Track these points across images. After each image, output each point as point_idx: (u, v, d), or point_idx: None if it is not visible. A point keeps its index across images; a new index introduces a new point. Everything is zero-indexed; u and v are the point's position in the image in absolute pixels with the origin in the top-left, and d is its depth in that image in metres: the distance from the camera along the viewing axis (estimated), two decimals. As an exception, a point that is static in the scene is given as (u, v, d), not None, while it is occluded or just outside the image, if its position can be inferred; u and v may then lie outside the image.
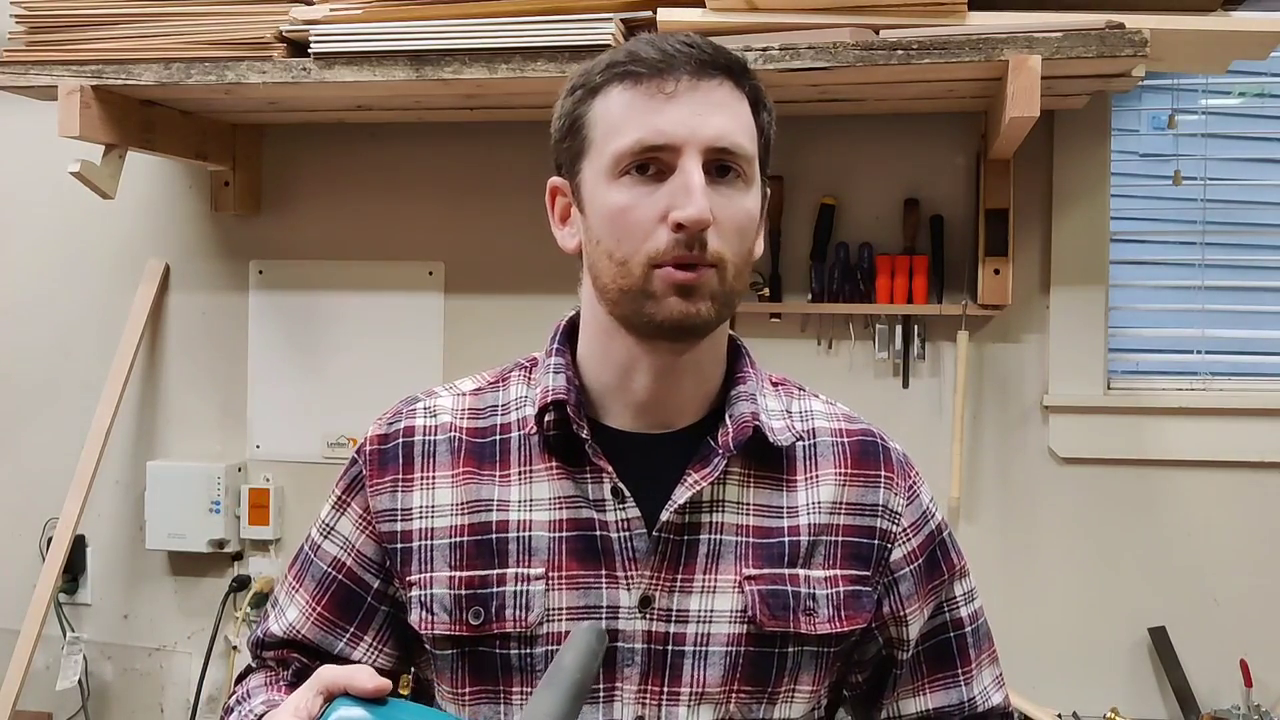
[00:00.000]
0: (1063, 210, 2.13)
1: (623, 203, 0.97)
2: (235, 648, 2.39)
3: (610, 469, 1.01)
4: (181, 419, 2.48)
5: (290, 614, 1.10)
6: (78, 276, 2.51)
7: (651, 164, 0.96)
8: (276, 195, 2.43)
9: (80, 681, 2.45)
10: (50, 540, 2.39)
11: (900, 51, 1.71)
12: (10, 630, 2.36)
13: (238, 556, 2.45)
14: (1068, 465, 2.15)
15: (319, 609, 1.09)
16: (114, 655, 2.50)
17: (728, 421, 1.03)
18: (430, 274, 2.36)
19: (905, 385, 2.18)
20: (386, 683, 0.89)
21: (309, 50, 1.88)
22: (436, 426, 1.07)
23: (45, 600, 2.32)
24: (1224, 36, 1.78)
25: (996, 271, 2.08)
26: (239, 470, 2.43)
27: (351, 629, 1.08)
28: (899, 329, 2.17)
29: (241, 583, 2.41)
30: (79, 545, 2.47)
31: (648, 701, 1.00)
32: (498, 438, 1.06)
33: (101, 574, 2.51)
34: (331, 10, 1.88)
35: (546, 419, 1.03)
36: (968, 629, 1.13)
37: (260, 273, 2.44)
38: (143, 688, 2.49)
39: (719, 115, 0.97)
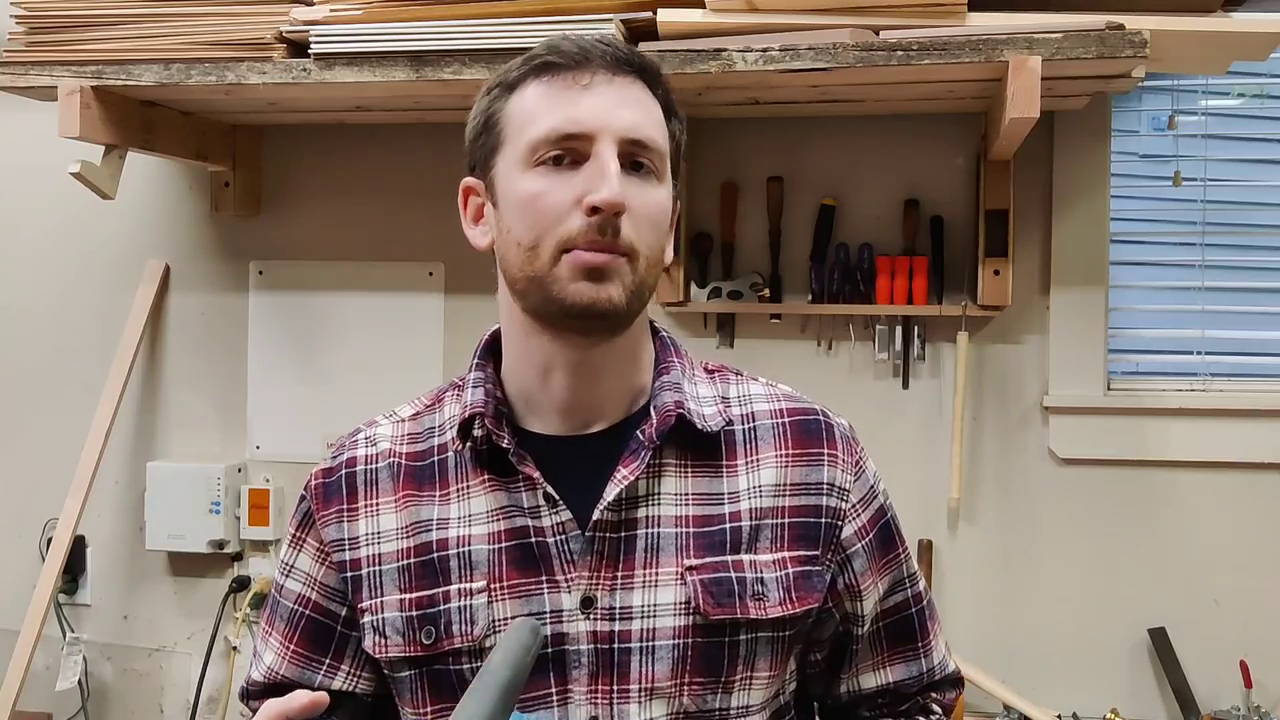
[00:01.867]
0: (1063, 211, 2.13)
1: (536, 189, 0.98)
2: (235, 648, 2.39)
3: (538, 474, 1.01)
4: (181, 419, 2.48)
5: (267, 658, 1.13)
6: (78, 276, 2.51)
7: (566, 154, 0.98)
8: (276, 196, 2.43)
9: (80, 682, 2.45)
10: (50, 540, 2.39)
11: (900, 52, 1.71)
12: (10, 631, 2.35)
13: (238, 557, 2.45)
14: (1068, 466, 2.15)
15: (292, 647, 1.11)
16: (114, 656, 2.50)
17: (651, 413, 1.03)
18: (430, 275, 2.37)
19: (905, 386, 2.18)
20: (320, 697, 0.92)
21: (309, 51, 1.88)
22: (377, 455, 1.09)
23: (45, 601, 2.31)
24: (1224, 37, 1.78)
25: (996, 272, 2.08)
26: (239, 471, 2.43)
27: (327, 660, 1.10)
28: (899, 330, 2.17)
29: (241, 583, 2.41)
30: (79, 546, 2.47)
31: (599, 701, 1.00)
32: (435, 459, 1.07)
33: (101, 574, 2.51)
34: (331, 11, 1.88)
35: (476, 433, 1.04)
36: (925, 604, 1.15)
37: (260, 273, 2.44)
38: (142, 688, 2.49)
39: (633, 109, 1.00)
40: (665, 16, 1.78)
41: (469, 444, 1.05)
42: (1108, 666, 2.14)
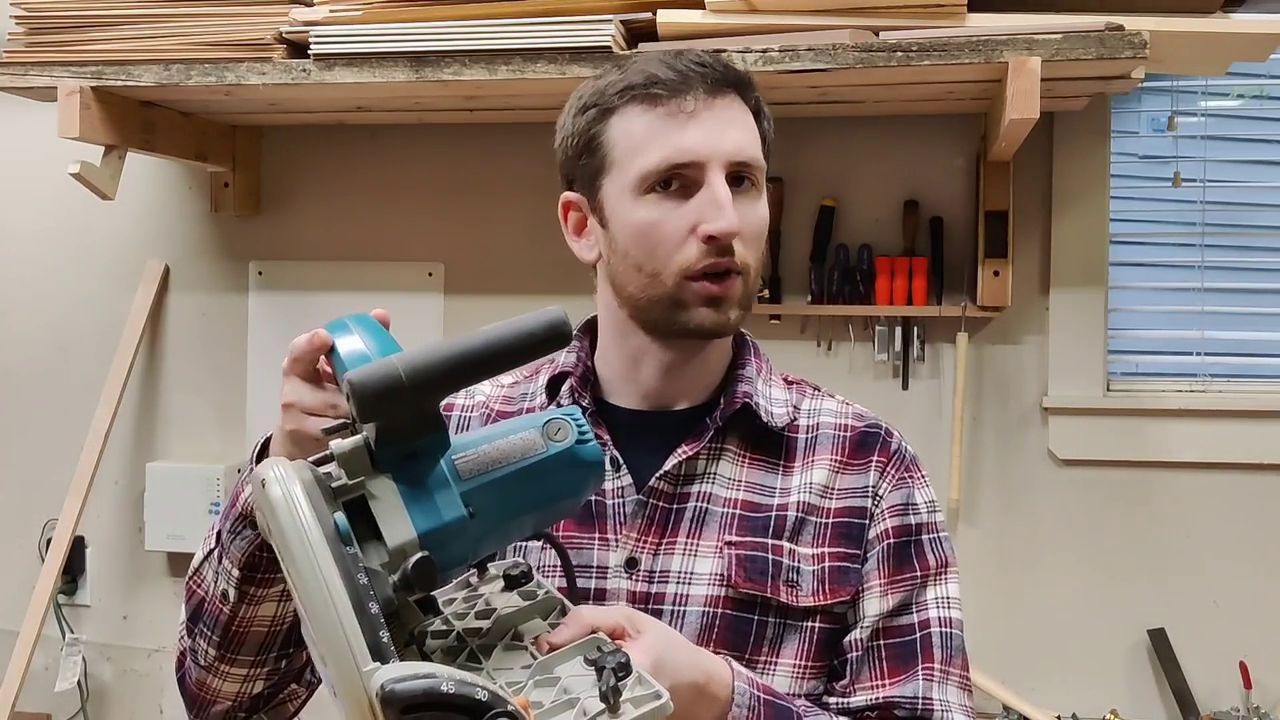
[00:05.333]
0: (1062, 212, 2.13)
1: (652, 218, 1.04)
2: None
3: (608, 438, 1.09)
4: (181, 420, 2.48)
5: None
6: (78, 277, 2.51)
7: (676, 180, 1.03)
8: (276, 196, 2.43)
9: (79, 683, 2.45)
10: (49, 541, 2.39)
11: (900, 53, 1.71)
12: (9, 631, 2.35)
13: (237, 557, 2.44)
14: (1067, 467, 2.15)
15: None
16: (113, 656, 2.50)
17: (722, 399, 1.11)
18: (430, 275, 2.37)
19: (905, 387, 2.18)
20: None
21: (309, 51, 1.88)
22: (473, 405, 1.17)
23: (44, 601, 2.31)
24: (1223, 38, 1.78)
25: (996, 273, 2.08)
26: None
27: None
28: (899, 331, 2.17)
29: (241, 584, 2.41)
30: (78, 546, 2.47)
31: None
32: None
33: (101, 575, 2.50)
34: (331, 11, 1.88)
35: (564, 400, 1.11)
36: (935, 630, 1.09)
37: (260, 274, 2.44)
38: (142, 689, 2.49)
39: (735, 130, 1.05)
40: (665, 17, 1.78)
41: (554, 403, 1.12)
42: (1107, 667, 2.14)
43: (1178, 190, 2.17)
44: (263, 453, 1.02)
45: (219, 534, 1.04)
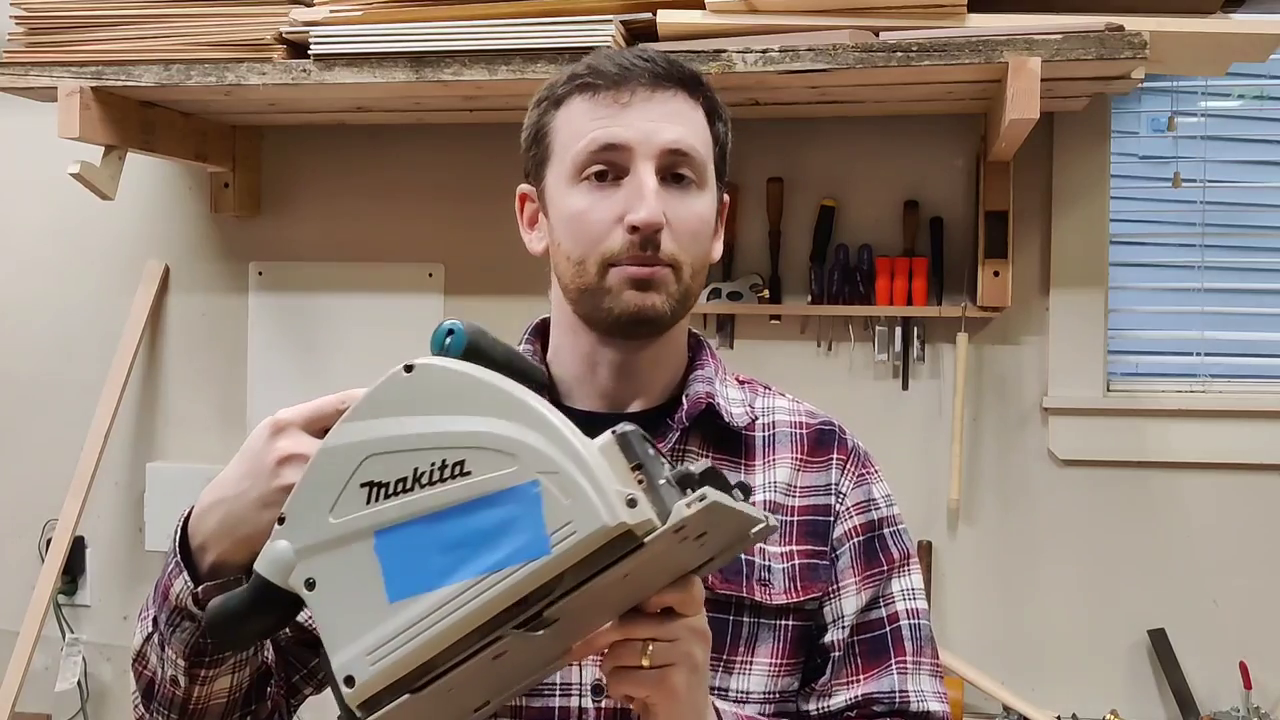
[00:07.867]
0: (1062, 212, 2.13)
1: (581, 206, 1.04)
2: (234, 649, 2.39)
3: None
4: (181, 420, 2.48)
5: None
6: (78, 277, 2.51)
7: (608, 169, 1.03)
8: (276, 197, 2.43)
9: (79, 683, 2.45)
10: (49, 541, 2.39)
11: (900, 53, 1.71)
12: (9, 631, 2.35)
13: (237, 558, 2.44)
14: (1067, 467, 2.15)
15: None
16: (113, 657, 2.49)
17: (684, 400, 1.09)
18: (430, 276, 2.36)
19: (905, 387, 2.18)
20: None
21: (309, 52, 1.88)
22: None
23: (44, 601, 2.31)
24: (1223, 39, 1.78)
25: (996, 273, 2.08)
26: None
27: None
28: (899, 331, 2.17)
29: (241, 584, 2.41)
30: (78, 546, 2.47)
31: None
32: None
33: (101, 575, 2.50)
34: (331, 12, 1.88)
35: None
36: (904, 623, 1.12)
37: (260, 274, 2.44)
38: (142, 689, 2.48)
39: (672, 122, 1.04)
40: (665, 18, 1.78)
41: None
42: (1107, 667, 2.14)
43: (1178, 190, 2.17)
44: (184, 537, 0.98)
45: (155, 620, 1.01)
